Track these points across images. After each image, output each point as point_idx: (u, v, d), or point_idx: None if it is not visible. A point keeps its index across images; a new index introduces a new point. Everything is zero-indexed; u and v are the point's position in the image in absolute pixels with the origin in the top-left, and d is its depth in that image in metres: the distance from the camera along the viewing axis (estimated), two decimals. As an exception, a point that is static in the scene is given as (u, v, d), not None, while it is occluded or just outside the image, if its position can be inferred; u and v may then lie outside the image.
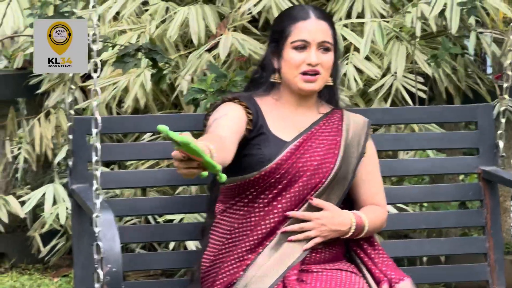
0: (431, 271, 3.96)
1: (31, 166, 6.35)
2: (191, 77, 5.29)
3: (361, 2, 5.41)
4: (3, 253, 6.53)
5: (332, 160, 3.29)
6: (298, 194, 3.29)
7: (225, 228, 3.38)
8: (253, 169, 3.25)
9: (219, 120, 3.25)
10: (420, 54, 5.38)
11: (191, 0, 5.73)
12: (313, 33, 3.29)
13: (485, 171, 3.69)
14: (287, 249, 3.29)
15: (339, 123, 3.38)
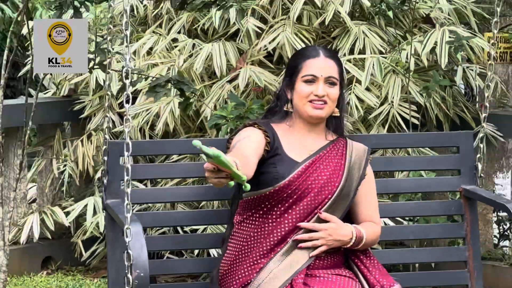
0: (421, 276, 4.04)
1: (75, 181, 6.41)
2: (214, 105, 5.36)
3: (362, 40, 5.50)
4: (49, 256, 6.55)
5: (337, 180, 3.38)
6: (306, 208, 3.36)
7: (242, 237, 3.45)
8: (268, 185, 3.33)
9: (242, 142, 3.33)
10: (414, 86, 5.45)
11: (214, 38, 5.78)
12: (321, 69, 3.35)
13: (466, 189, 3.77)
14: (295, 256, 3.36)
15: (344, 149, 3.47)
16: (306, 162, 3.39)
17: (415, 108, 5.45)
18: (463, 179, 3.85)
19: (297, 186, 3.39)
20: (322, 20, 5.57)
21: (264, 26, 5.67)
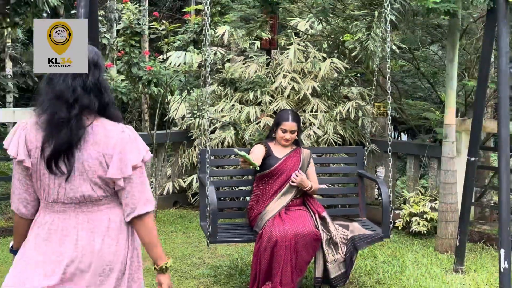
0: (335, 211, 5.72)
1: (187, 166, 8.07)
2: (249, 134, 7.25)
3: (316, 106, 7.46)
4: (176, 201, 8.17)
5: (297, 166, 4.97)
6: (284, 178, 4.93)
7: (256, 191, 5.03)
8: (267, 168, 4.92)
9: (256, 149, 4.91)
10: (338, 127, 7.38)
11: (251, 104, 7.65)
12: (289, 126, 4.93)
13: (358, 172, 5.48)
14: (281, 200, 4.90)
15: (300, 152, 5.02)
16: (282, 159, 4.96)
17: (339, 136, 7.43)
18: (358, 167, 5.55)
19: (279, 168, 4.94)
20: (299, 96, 7.53)
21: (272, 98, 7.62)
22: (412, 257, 6.16)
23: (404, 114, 7.77)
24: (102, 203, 2.64)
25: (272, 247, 4.65)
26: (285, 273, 4.66)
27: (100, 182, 2.59)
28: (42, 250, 2.57)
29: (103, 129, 2.61)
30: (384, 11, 5.12)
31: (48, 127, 2.55)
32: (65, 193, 2.58)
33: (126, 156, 2.60)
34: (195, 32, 6.51)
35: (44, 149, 2.56)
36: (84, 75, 2.64)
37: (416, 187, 7.26)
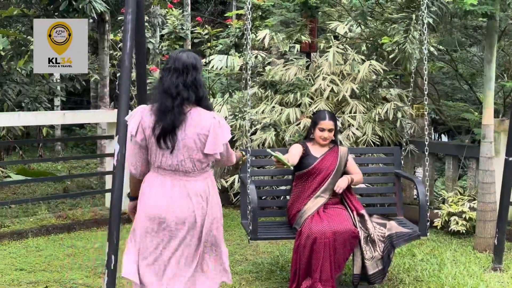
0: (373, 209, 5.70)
1: (229, 166, 7.93)
2: (289, 135, 7.35)
3: (355, 107, 7.53)
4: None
5: (335, 165, 5.06)
6: (322, 177, 5.03)
7: (295, 190, 5.14)
8: (305, 168, 5.05)
9: (292, 149, 5.06)
10: (377, 127, 7.43)
11: (291, 106, 7.76)
12: (326, 125, 5.04)
13: (396, 171, 5.62)
14: (320, 199, 5.00)
15: (337, 151, 5.13)
16: (320, 157, 5.07)
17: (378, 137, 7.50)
18: (395, 167, 5.66)
19: (317, 167, 5.04)
20: (338, 98, 7.64)
21: (312, 100, 7.73)
22: (450, 255, 6.21)
23: (443, 115, 7.80)
24: (191, 175, 3.56)
25: (311, 244, 4.76)
26: (324, 270, 4.76)
27: (195, 157, 3.54)
28: (151, 193, 3.58)
29: (198, 115, 3.52)
30: (421, 14, 5.20)
31: (158, 113, 3.48)
32: (166, 162, 3.53)
33: (217, 137, 3.52)
34: (237, 36, 6.70)
35: (155, 129, 3.48)
36: (184, 75, 3.51)
37: (455, 187, 7.30)
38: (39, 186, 9.64)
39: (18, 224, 6.72)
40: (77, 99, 18.62)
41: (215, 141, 3.53)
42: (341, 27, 8.20)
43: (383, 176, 6.13)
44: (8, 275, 5.47)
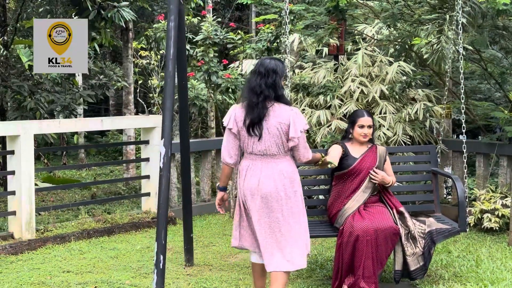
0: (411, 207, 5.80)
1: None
2: (321, 136, 7.54)
3: (385, 108, 7.65)
4: None
5: (374, 164, 5.15)
6: (362, 176, 5.11)
7: (335, 190, 5.21)
8: (345, 168, 5.13)
9: (331, 150, 5.13)
10: (407, 128, 7.57)
11: (321, 108, 7.84)
12: (365, 121, 5.15)
13: (433, 169, 5.69)
14: (360, 197, 5.10)
15: (376, 150, 5.23)
16: (359, 158, 5.15)
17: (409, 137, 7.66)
18: (432, 165, 5.74)
19: (357, 168, 5.12)
20: (367, 99, 7.81)
21: (341, 102, 7.87)
22: (486, 252, 6.30)
23: (471, 114, 7.92)
24: (277, 157, 4.43)
25: (354, 242, 4.87)
26: (367, 266, 4.87)
27: (278, 142, 4.38)
28: (246, 175, 4.48)
29: (279, 109, 4.38)
30: (455, 14, 5.34)
31: (247, 108, 4.38)
32: (256, 148, 4.41)
33: (296, 124, 4.34)
34: (269, 41, 6.84)
35: (245, 121, 4.38)
36: (266, 77, 4.38)
37: (486, 184, 7.38)
38: (66, 193, 9.80)
39: (60, 229, 6.88)
40: (95, 107, 18.83)
41: (295, 127, 4.32)
42: (369, 30, 8.32)
43: (418, 174, 6.22)
44: (57, 276, 5.63)
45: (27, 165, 6.43)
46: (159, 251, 4.38)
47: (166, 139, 4.58)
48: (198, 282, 5.49)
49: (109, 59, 17.20)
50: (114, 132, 15.01)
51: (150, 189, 7.52)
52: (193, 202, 8.03)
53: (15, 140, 6.43)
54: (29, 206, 6.48)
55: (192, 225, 5.99)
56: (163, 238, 4.40)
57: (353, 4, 7.40)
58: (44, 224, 7.06)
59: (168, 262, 5.91)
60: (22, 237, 6.47)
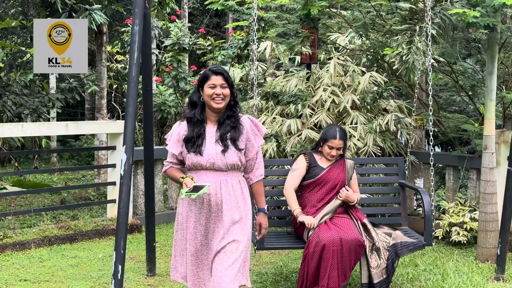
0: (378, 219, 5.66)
1: None
2: (291, 146, 7.39)
3: (356, 118, 7.56)
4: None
5: (342, 175, 5.13)
6: (329, 187, 5.10)
7: (301, 201, 5.16)
8: (312, 178, 5.13)
9: (297, 164, 5.17)
10: (378, 139, 7.47)
11: (291, 117, 7.76)
12: (336, 144, 5.07)
13: (400, 182, 5.63)
14: (326, 209, 5.05)
15: (344, 163, 5.21)
16: (327, 168, 5.15)
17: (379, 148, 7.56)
18: (399, 178, 5.68)
19: (324, 178, 5.11)
20: (339, 109, 7.68)
21: (312, 112, 7.71)
22: (453, 265, 6.24)
23: (442, 126, 7.87)
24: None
25: (320, 252, 4.78)
26: (332, 277, 4.78)
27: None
28: None
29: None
30: (425, 25, 5.28)
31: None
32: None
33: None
34: (239, 48, 6.74)
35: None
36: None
37: (455, 197, 7.33)
38: (35, 197, 9.62)
39: (20, 235, 6.72)
40: (71, 111, 18.69)
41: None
42: (342, 39, 8.26)
43: (386, 186, 6.07)
44: (12, 285, 5.48)
45: (-13, 169, 6.18)
46: (118, 261, 4.25)
47: (128, 145, 4.47)
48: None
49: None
50: (88, 136, 14.84)
51: (116, 195, 7.33)
52: (161, 209, 7.98)
53: (-27, 143, 6.20)
54: (-13, 211, 6.21)
55: (154, 234, 5.89)
56: (122, 248, 4.27)
57: (326, 13, 7.29)
58: (4, 229, 6.88)
59: (129, 272, 5.87)
60: (-21, 243, 6.23)
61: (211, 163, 3.86)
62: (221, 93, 3.80)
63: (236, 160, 3.89)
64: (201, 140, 3.84)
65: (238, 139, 3.89)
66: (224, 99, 3.83)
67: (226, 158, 3.86)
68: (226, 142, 3.86)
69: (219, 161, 3.86)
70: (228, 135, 3.87)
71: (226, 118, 3.89)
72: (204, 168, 3.89)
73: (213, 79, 3.81)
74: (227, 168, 3.89)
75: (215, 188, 3.84)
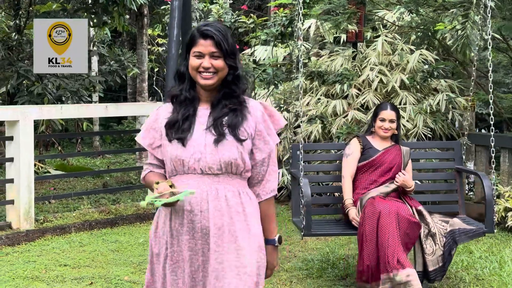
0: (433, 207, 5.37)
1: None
2: (336, 128, 7.24)
3: (405, 98, 7.32)
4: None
5: (398, 160, 4.91)
6: (383, 170, 4.87)
7: (356, 182, 4.92)
8: (366, 159, 4.90)
9: (350, 149, 4.97)
10: (429, 120, 7.20)
11: (337, 97, 7.54)
12: (388, 115, 4.88)
13: (457, 167, 5.34)
14: (380, 189, 4.78)
15: (400, 149, 4.97)
16: (382, 150, 4.92)
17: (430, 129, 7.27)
18: (456, 163, 5.36)
19: (378, 160, 4.89)
20: (386, 89, 7.43)
21: (359, 92, 7.50)
22: (510, 253, 5.90)
23: (497, 106, 7.46)
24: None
25: (377, 220, 4.45)
26: (392, 245, 4.36)
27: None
28: None
29: None
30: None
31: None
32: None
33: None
34: (283, 25, 6.46)
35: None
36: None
37: (511, 181, 6.92)
38: (78, 181, 9.54)
39: (61, 219, 6.63)
40: (113, 95, 18.68)
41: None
42: (390, 15, 7.90)
43: (443, 172, 5.74)
44: (52, 270, 5.36)
45: (27, 152, 6.14)
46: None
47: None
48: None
49: (127, 46, 17.02)
50: (130, 120, 14.81)
51: None
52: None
53: (14, 125, 6.12)
54: (28, 194, 6.20)
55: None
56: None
57: (374, -12, 6.90)
58: (44, 214, 6.79)
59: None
60: (20, 227, 6.20)
61: (196, 159, 2.59)
62: (210, 66, 2.58)
63: (234, 156, 2.61)
64: (188, 124, 2.63)
65: (240, 126, 2.63)
66: (217, 73, 2.60)
67: (219, 152, 2.60)
68: (221, 129, 2.61)
69: (208, 156, 2.60)
70: (224, 119, 2.63)
71: (222, 98, 2.65)
72: (186, 168, 2.62)
73: (200, 44, 2.59)
74: (220, 169, 2.62)
75: (200, 201, 2.57)
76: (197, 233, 2.56)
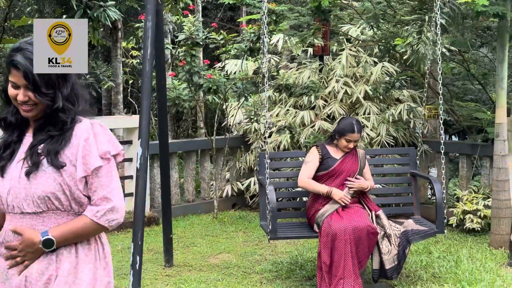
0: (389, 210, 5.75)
1: (245, 170, 8.30)
2: (304, 137, 7.47)
3: (369, 108, 7.69)
4: (235, 203, 8.48)
5: (355, 166, 5.14)
6: (342, 178, 5.10)
7: (315, 193, 5.16)
8: (326, 169, 5.14)
9: (310, 157, 5.25)
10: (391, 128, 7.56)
11: (305, 108, 7.83)
12: (354, 138, 5.08)
13: (412, 172, 5.68)
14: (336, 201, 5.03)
15: (356, 153, 5.21)
16: (340, 159, 5.16)
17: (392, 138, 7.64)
18: (411, 168, 5.72)
19: (337, 169, 5.13)
20: (351, 100, 7.75)
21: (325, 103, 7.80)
22: (466, 252, 6.27)
23: (455, 115, 7.88)
24: None
25: (331, 242, 4.79)
26: (347, 266, 4.78)
27: None
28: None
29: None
30: (434, 15, 5.31)
31: None
32: None
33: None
34: (251, 41, 6.82)
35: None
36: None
37: (469, 185, 7.35)
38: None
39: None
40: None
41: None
42: (353, 30, 8.30)
43: (399, 177, 6.15)
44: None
45: None
46: (136, 252, 4.30)
47: (143, 139, 4.52)
48: (176, 283, 5.44)
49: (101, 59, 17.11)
50: (107, 131, 14.72)
51: (133, 189, 7.18)
52: (177, 202, 8.00)
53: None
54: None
55: (171, 225, 5.93)
56: (140, 239, 4.33)
57: (337, 4, 7.32)
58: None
59: (148, 263, 5.92)
60: None
61: (13, 196, 2.23)
62: (27, 99, 2.27)
63: (51, 190, 2.20)
64: (10, 152, 2.29)
65: (61, 151, 2.24)
66: (37, 105, 2.28)
67: (32, 186, 2.20)
68: (36, 159, 2.22)
69: (23, 192, 2.21)
70: (40, 147, 2.25)
71: (45, 124, 2.30)
72: (6, 206, 2.27)
73: (13, 74, 2.31)
74: (38, 207, 2.21)
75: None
76: None
